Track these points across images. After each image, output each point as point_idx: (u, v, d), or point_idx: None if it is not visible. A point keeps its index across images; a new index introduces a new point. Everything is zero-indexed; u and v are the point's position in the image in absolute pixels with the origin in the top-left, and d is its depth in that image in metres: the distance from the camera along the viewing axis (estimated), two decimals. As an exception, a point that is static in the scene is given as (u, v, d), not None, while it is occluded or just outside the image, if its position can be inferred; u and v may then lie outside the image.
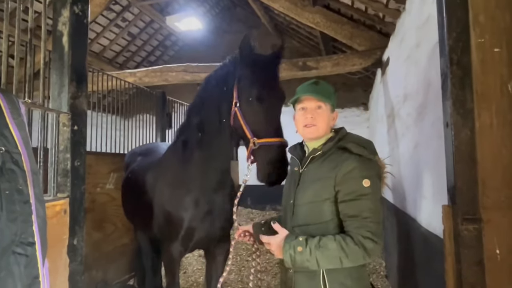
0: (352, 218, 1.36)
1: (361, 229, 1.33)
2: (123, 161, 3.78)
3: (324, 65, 4.87)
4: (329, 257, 1.32)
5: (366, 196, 1.36)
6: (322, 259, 1.32)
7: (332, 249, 1.31)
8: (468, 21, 1.32)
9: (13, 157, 1.01)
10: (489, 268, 1.26)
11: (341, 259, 1.32)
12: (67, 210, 1.52)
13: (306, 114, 1.51)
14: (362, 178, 1.37)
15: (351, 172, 1.38)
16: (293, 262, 1.35)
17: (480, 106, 1.30)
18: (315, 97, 1.49)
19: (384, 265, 4.43)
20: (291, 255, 1.34)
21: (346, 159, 1.41)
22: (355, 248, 1.31)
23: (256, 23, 9.31)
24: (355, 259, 1.33)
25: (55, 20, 1.62)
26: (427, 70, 2.32)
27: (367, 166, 1.41)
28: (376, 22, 4.27)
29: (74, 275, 1.54)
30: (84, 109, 1.67)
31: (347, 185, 1.37)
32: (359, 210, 1.35)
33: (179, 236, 2.14)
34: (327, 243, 1.32)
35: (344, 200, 1.38)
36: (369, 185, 1.36)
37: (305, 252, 1.32)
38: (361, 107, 8.63)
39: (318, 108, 1.50)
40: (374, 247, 1.32)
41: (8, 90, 1.17)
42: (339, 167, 1.40)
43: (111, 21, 8.24)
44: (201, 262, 4.70)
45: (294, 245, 1.35)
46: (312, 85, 1.53)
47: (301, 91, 1.53)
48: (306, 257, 1.32)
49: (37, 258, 1.03)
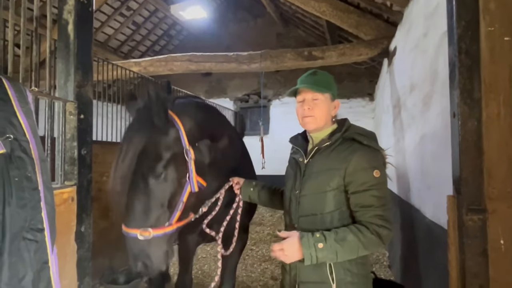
0: (365, 208, 1.39)
1: (375, 218, 1.37)
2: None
3: (329, 54, 4.82)
4: (348, 249, 1.34)
5: (377, 186, 1.40)
6: (341, 251, 1.34)
7: (351, 241, 1.34)
8: (478, 9, 1.30)
9: (21, 144, 1.03)
10: (493, 258, 1.26)
11: (359, 249, 1.35)
12: (74, 198, 1.54)
13: (303, 105, 1.53)
14: (373, 169, 1.40)
15: (362, 163, 1.41)
16: (314, 260, 1.34)
17: (488, 96, 1.29)
18: (311, 89, 1.51)
19: (387, 255, 4.45)
20: (311, 254, 1.33)
21: (355, 150, 1.44)
22: (371, 237, 1.34)
23: (261, 11, 9.22)
24: (371, 248, 1.38)
25: (60, 9, 1.62)
26: (434, 59, 2.29)
27: (376, 157, 1.45)
28: (383, 11, 4.20)
29: (82, 262, 1.57)
30: (90, 98, 1.67)
31: (358, 176, 1.40)
32: (372, 200, 1.38)
33: (198, 229, 2.13)
34: (345, 236, 1.35)
35: (357, 191, 1.41)
36: (379, 175, 1.40)
37: (326, 247, 1.33)
38: (366, 98, 8.55)
39: (315, 99, 1.51)
40: (388, 234, 1.37)
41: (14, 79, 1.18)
42: (349, 158, 1.42)
43: (115, 10, 8.20)
44: (206, 251, 4.76)
45: (314, 243, 1.33)
46: (310, 76, 1.55)
47: (299, 83, 1.56)
48: (327, 252, 1.33)
49: (46, 244, 1.05)
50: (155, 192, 1.50)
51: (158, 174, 1.50)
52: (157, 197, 1.50)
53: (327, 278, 1.41)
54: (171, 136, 1.59)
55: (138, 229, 1.46)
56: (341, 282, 1.40)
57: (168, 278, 3.53)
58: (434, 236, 2.09)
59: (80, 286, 1.57)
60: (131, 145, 1.49)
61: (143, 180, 1.49)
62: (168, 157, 1.54)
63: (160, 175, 1.51)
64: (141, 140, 1.49)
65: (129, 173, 1.47)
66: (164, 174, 1.52)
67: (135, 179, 1.49)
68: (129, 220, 1.48)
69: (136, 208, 1.48)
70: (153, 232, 1.47)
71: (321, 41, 8.26)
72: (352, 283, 1.41)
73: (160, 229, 1.49)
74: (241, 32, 9.67)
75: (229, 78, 9.78)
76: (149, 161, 1.50)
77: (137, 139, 1.50)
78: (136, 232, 1.46)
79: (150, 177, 1.49)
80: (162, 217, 1.52)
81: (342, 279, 1.40)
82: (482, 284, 1.27)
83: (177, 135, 1.60)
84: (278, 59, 5.09)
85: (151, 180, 1.49)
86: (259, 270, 4.11)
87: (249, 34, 9.53)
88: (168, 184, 1.54)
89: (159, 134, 1.55)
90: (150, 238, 1.46)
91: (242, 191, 1.93)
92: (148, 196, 1.49)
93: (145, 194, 1.49)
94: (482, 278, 1.27)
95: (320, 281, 1.43)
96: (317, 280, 1.43)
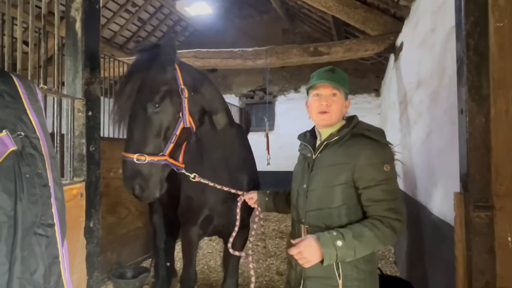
0: (377, 202, 1.39)
1: (389, 212, 1.37)
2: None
3: (336, 50, 4.79)
4: (366, 244, 1.35)
5: (388, 180, 1.40)
6: (359, 247, 1.34)
7: (368, 236, 1.34)
8: (487, 5, 1.28)
9: (32, 142, 1.04)
10: (500, 255, 1.26)
11: (376, 244, 1.36)
12: (83, 194, 1.56)
13: (321, 101, 1.52)
14: (383, 164, 1.41)
15: (372, 158, 1.41)
16: (333, 259, 1.32)
17: (496, 92, 1.27)
18: (331, 84, 1.50)
19: (393, 252, 4.45)
20: (331, 254, 1.31)
21: (364, 145, 1.44)
22: (387, 231, 1.35)
23: (267, 7, 9.17)
24: (387, 241, 1.40)
25: (68, 6, 1.63)
26: (441, 55, 2.27)
27: (385, 152, 1.45)
28: (390, 6, 4.16)
29: (91, 256, 1.60)
30: (98, 95, 1.69)
31: (368, 171, 1.41)
32: (383, 194, 1.39)
33: (198, 221, 2.21)
34: (362, 231, 1.35)
35: (368, 186, 1.41)
36: (389, 170, 1.41)
37: (345, 245, 1.31)
38: (372, 94, 8.50)
39: (334, 95, 1.51)
40: (401, 226, 1.38)
41: (24, 76, 1.20)
42: (358, 154, 1.42)
43: (121, 6, 8.21)
44: (212, 246, 4.80)
45: (333, 241, 1.31)
46: (329, 72, 1.54)
47: (317, 78, 1.54)
48: (346, 249, 1.32)
49: (56, 239, 1.07)
50: (152, 121, 1.66)
51: (155, 104, 1.66)
52: (154, 126, 1.66)
53: (333, 273, 1.41)
54: (168, 74, 1.74)
55: (134, 154, 1.60)
56: (347, 277, 1.41)
57: (174, 272, 3.58)
58: (440, 233, 2.09)
59: (89, 280, 1.60)
60: (132, 78, 1.68)
61: (142, 110, 1.65)
62: (164, 90, 1.70)
63: (157, 106, 1.66)
64: (141, 74, 1.67)
65: (129, 103, 1.65)
66: (160, 105, 1.67)
67: (135, 109, 1.66)
68: (127, 145, 1.65)
69: (134, 135, 1.65)
70: (148, 158, 1.62)
71: (327, 37, 8.21)
72: (358, 279, 1.42)
73: (154, 157, 1.64)
74: (247, 28, 9.64)
75: (235, 74, 9.77)
76: (147, 92, 1.66)
77: (138, 74, 1.68)
78: (133, 156, 1.60)
79: (148, 107, 1.65)
80: (157, 146, 1.67)
81: (348, 274, 1.41)
82: (489, 280, 1.27)
83: (173, 75, 1.77)
84: (283, 55, 5.07)
85: (149, 109, 1.65)
86: (265, 265, 4.13)
87: (255, 30, 9.49)
88: (164, 115, 1.69)
89: (158, 70, 1.71)
90: (145, 163, 1.62)
91: (259, 203, 1.93)
92: (146, 124, 1.65)
93: (143, 123, 1.65)
94: (488, 274, 1.27)
95: (326, 276, 1.43)
96: (323, 275, 1.44)
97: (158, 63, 1.71)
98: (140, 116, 1.66)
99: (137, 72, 1.69)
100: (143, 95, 1.66)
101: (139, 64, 1.74)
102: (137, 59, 1.78)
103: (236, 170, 2.19)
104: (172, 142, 1.71)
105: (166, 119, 1.70)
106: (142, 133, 1.65)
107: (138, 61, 1.76)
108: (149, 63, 1.71)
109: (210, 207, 2.18)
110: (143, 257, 4.16)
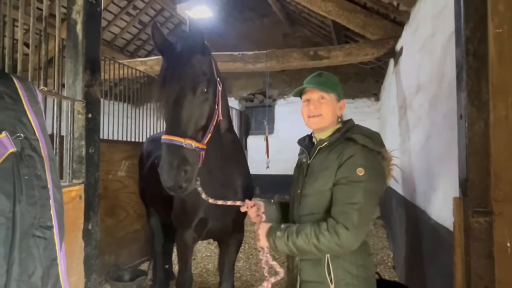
0: (336, 201, 1.38)
1: (338, 214, 1.34)
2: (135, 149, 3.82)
3: (335, 54, 4.81)
4: (302, 241, 1.35)
5: (357, 184, 1.35)
6: (297, 244, 1.36)
7: (306, 234, 1.34)
8: (486, 11, 1.29)
9: (31, 143, 1.04)
10: (499, 260, 1.26)
11: (315, 245, 1.33)
12: (82, 196, 1.56)
13: (309, 105, 1.55)
14: (357, 166, 1.37)
15: (348, 158, 1.40)
16: (273, 246, 1.44)
17: (496, 98, 1.28)
18: (317, 88, 1.52)
19: (392, 256, 4.44)
20: (269, 241, 1.44)
21: (349, 148, 1.43)
22: (326, 234, 1.31)
23: (267, 11, 9.20)
24: (326, 244, 1.32)
25: (69, 9, 1.64)
26: (441, 60, 2.28)
27: (367, 156, 1.40)
28: (390, 11, 4.19)
29: (89, 259, 1.59)
30: (98, 97, 1.69)
31: (342, 170, 1.39)
32: (343, 195, 1.37)
33: (193, 224, 2.18)
34: (304, 228, 1.37)
35: (336, 183, 1.40)
36: (362, 174, 1.35)
37: (281, 236, 1.39)
38: (372, 98, 8.52)
39: (322, 98, 1.53)
40: (346, 235, 1.30)
41: (24, 78, 1.20)
42: (340, 157, 1.42)
43: (122, 9, 8.24)
44: (210, 250, 4.78)
45: (275, 231, 1.43)
46: (315, 77, 1.58)
47: (304, 84, 1.58)
48: (284, 241, 1.38)
49: (55, 241, 1.07)
50: (199, 107, 1.63)
51: (204, 88, 1.64)
52: (200, 113, 1.63)
53: (325, 278, 1.41)
54: (208, 63, 1.75)
55: (183, 138, 1.53)
56: (340, 283, 1.40)
57: (172, 275, 3.57)
58: (439, 238, 2.08)
59: (87, 283, 1.59)
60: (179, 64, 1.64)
61: (191, 93, 1.61)
62: (209, 78, 1.70)
63: (205, 91, 1.65)
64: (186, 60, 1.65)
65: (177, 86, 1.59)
66: (208, 90, 1.67)
67: (182, 92, 1.60)
68: (172, 128, 1.57)
69: (183, 119, 1.58)
70: (195, 144, 1.56)
71: (327, 41, 8.24)
72: (352, 285, 1.40)
73: (200, 144, 1.59)
74: (247, 32, 9.67)
75: (235, 78, 9.78)
76: (195, 77, 1.63)
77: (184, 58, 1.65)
78: (182, 141, 1.53)
79: (197, 90, 1.62)
80: (199, 134, 1.64)
81: (341, 279, 1.40)
82: (487, 286, 1.27)
83: (212, 66, 1.78)
84: (283, 59, 5.09)
85: (197, 93, 1.62)
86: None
87: (255, 33, 9.52)
88: (208, 103, 1.68)
89: (201, 58, 1.71)
90: (193, 148, 1.55)
91: (266, 214, 1.70)
92: (193, 110, 1.61)
93: (191, 107, 1.60)
94: (487, 280, 1.27)
95: (319, 280, 1.43)
96: (317, 279, 1.44)
97: (201, 50, 1.72)
98: (187, 100, 1.60)
99: (183, 57, 1.67)
100: (190, 79, 1.62)
101: (183, 49, 1.72)
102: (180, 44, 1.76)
103: (230, 174, 2.18)
104: (210, 132, 1.68)
105: (210, 107, 1.68)
106: (189, 118, 1.59)
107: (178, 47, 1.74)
108: (192, 50, 1.70)
109: (204, 210, 2.14)
110: (141, 260, 4.14)
